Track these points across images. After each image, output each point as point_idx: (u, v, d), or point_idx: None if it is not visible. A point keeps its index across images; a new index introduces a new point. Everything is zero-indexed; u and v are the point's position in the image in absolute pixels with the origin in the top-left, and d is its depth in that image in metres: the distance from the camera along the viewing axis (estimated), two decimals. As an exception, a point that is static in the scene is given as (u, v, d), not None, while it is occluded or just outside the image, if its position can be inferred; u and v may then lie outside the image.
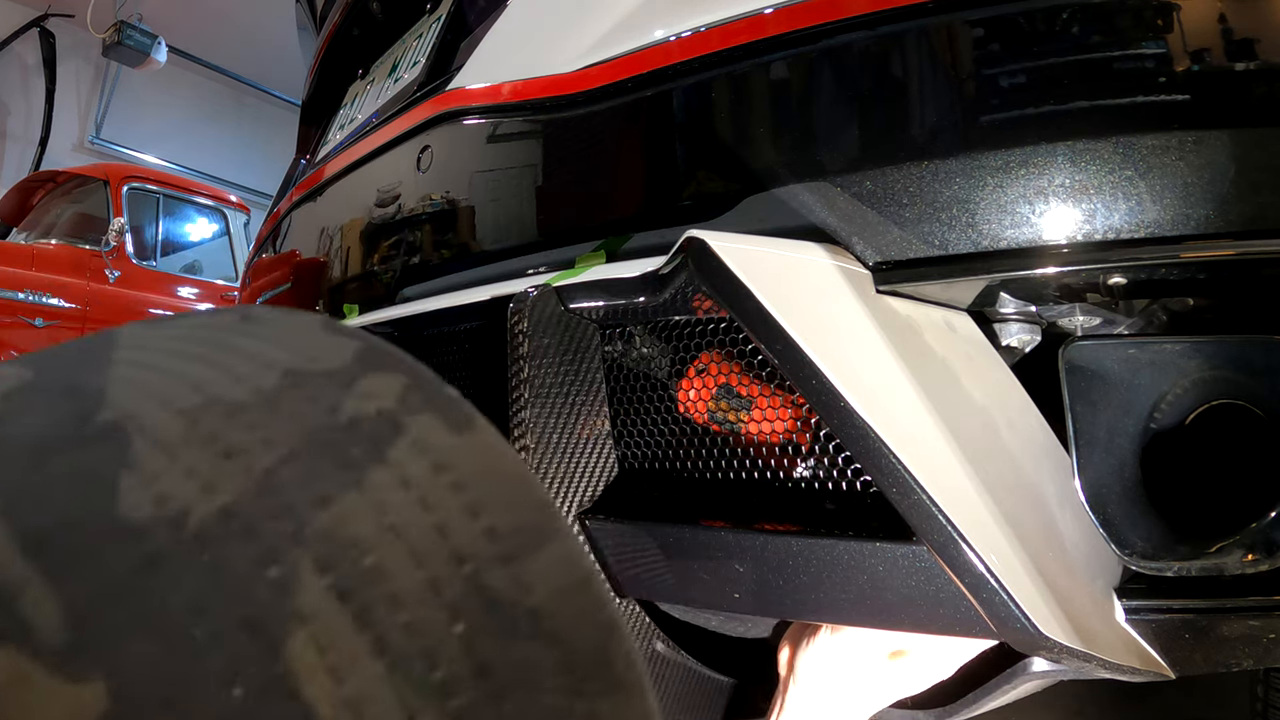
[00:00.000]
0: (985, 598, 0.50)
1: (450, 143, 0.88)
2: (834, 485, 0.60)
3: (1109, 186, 0.51)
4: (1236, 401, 0.54)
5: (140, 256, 4.87)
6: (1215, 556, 0.51)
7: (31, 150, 6.89)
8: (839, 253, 0.56)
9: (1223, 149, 0.49)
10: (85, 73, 7.28)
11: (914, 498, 0.50)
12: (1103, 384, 0.55)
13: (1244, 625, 0.54)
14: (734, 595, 0.61)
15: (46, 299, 4.36)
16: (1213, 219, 0.50)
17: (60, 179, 5.19)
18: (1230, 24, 0.51)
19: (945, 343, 0.57)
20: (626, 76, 0.68)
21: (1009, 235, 0.52)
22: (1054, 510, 0.55)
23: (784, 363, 0.53)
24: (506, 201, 0.79)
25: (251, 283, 1.52)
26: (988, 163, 0.52)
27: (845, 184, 0.56)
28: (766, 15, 0.61)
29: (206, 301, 5.17)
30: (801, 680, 0.63)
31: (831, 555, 0.56)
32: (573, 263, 0.70)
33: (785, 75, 0.60)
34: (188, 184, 5.56)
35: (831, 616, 0.58)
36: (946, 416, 0.53)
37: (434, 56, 1.01)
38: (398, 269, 0.94)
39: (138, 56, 6.19)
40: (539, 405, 0.66)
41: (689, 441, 0.68)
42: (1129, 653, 0.54)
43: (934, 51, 0.55)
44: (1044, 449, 0.58)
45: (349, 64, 1.38)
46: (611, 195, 0.70)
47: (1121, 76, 0.51)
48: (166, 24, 6.42)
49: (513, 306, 0.67)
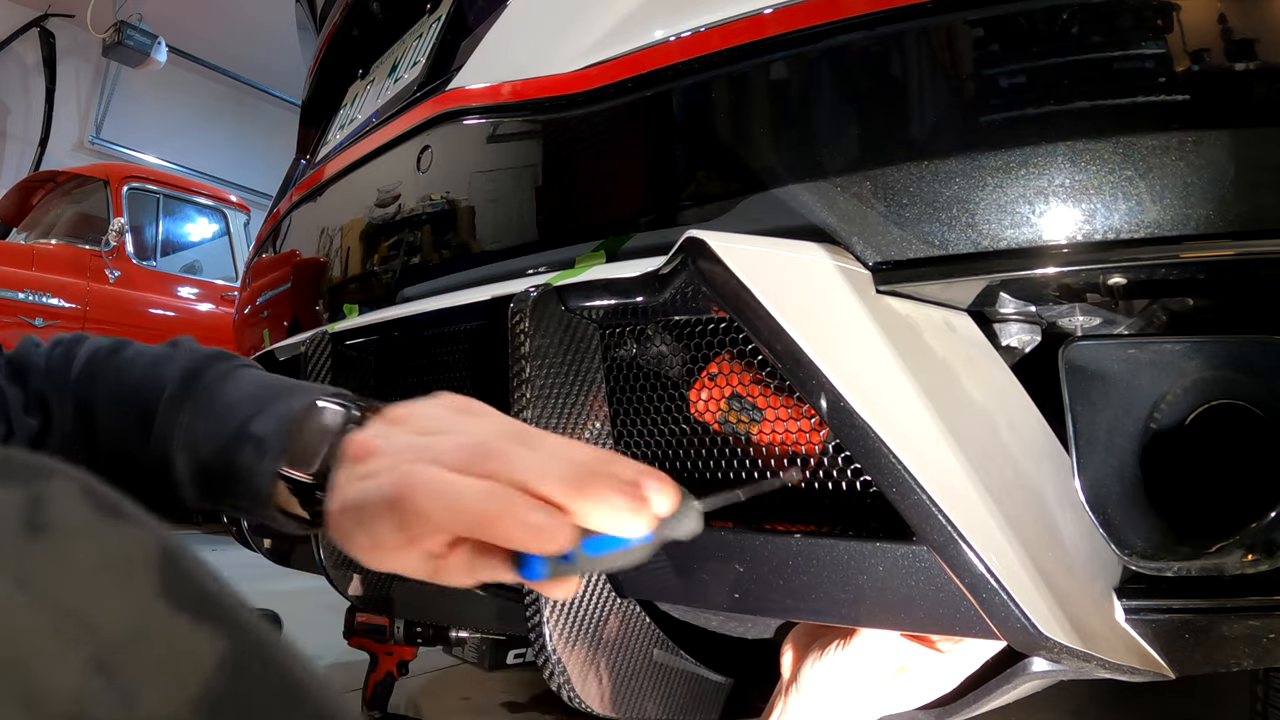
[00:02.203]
0: (985, 598, 0.50)
1: (450, 143, 0.88)
2: (834, 485, 0.60)
3: (1109, 186, 0.51)
4: (1236, 401, 0.54)
5: (140, 256, 4.87)
6: (1215, 556, 0.51)
7: (31, 150, 6.89)
8: (839, 253, 0.56)
9: (1223, 149, 0.49)
10: (85, 73, 7.28)
11: (914, 498, 0.50)
12: (1103, 384, 0.55)
13: (1244, 625, 0.54)
14: (734, 595, 0.61)
15: (46, 299, 4.36)
16: (1213, 219, 0.50)
17: (60, 179, 5.19)
18: (1230, 24, 0.51)
19: (945, 343, 0.57)
20: (626, 77, 0.68)
21: (1009, 235, 0.52)
22: (1054, 510, 0.55)
23: (784, 363, 0.53)
24: (506, 201, 0.79)
25: (251, 283, 1.52)
26: (988, 163, 0.52)
27: (845, 184, 0.56)
28: (766, 15, 0.61)
29: (207, 301, 5.17)
30: (805, 691, 0.63)
31: (831, 555, 0.56)
32: (573, 263, 0.70)
33: (785, 75, 0.60)
34: (188, 184, 5.55)
35: (831, 616, 0.58)
36: (946, 416, 0.53)
37: (434, 56, 1.01)
38: (398, 269, 0.94)
39: (138, 56, 6.19)
40: (540, 405, 0.66)
41: (689, 441, 0.68)
42: (1129, 653, 0.54)
43: (934, 52, 0.55)
44: (1044, 449, 0.58)
45: (349, 64, 1.38)
46: (611, 195, 0.70)
47: (1121, 77, 0.51)
48: (166, 24, 6.42)
49: (513, 306, 0.67)
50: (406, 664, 1.40)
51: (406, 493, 0.41)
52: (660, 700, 0.78)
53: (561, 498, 0.40)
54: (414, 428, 0.47)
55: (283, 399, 0.56)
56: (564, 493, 0.39)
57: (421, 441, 0.44)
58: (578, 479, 0.40)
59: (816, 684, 0.63)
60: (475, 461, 0.41)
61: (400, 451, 0.44)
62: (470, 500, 0.39)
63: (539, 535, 0.39)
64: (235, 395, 0.58)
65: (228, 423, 0.56)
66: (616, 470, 0.41)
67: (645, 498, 0.40)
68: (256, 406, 0.56)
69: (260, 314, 1.43)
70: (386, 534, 0.42)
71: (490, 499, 0.39)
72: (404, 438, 0.46)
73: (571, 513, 0.39)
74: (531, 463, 0.41)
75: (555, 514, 0.39)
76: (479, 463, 0.41)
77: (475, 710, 1.54)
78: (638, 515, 0.40)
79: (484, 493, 0.39)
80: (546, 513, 0.39)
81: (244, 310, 1.56)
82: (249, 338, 1.48)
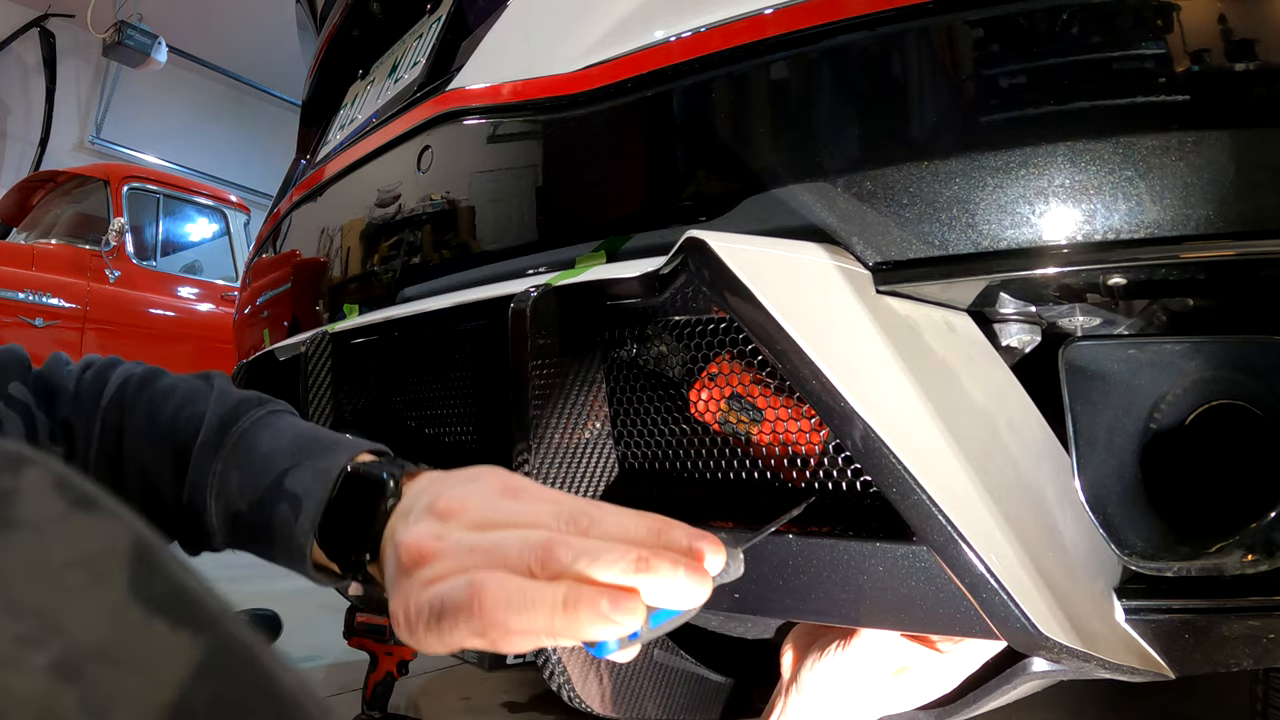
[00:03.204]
0: (985, 598, 0.50)
1: (450, 143, 0.88)
2: (834, 485, 0.60)
3: (1109, 187, 0.51)
4: (1236, 402, 0.54)
5: (140, 256, 4.87)
6: (1215, 557, 0.51)
7: (31, 150, 6.89)
8: (839, 253, 0.56)
9: (1223, 149, 0.49)
10: (85, 73, 7.28)
11: (914, 498, 0.50)
12: (1103, 384, 0.55)
13: (1244, 625, 0.54)
14: (734, 595, 0.61)
15: (46, 299, 4.36)
16: (1213, 219, 0.50)
17: (60, 179, 5.18)
18: (1230, 24, 0.51)
19: (945, 343, 0.57)
20: (626, 77, 0.68)
21: (1009, 235, 0.52)
22: (1054, 510, 0.55)
23: (784, 363, 0.53)
24: (507, 201, 0.79)
25: (251, 283, 1.52)
26: (988, 163, 0.52)
27: (845, 184, 0.56)
28: (766, 16, 0.61)
29: (207, 301, 5.17)
30: (806, 691, 0.63)
31: (831, 555, 0.56)
32: (573, 263, 0.70)
33: (785, 76, 0.60)
34: (188, 184, 5.55)
35: (831, 617, 0.58)
36: (946, 417, 0.53)
37: (434, 57, 1.01)
38: (398, 269, 0.94)
39: (138, 56, 6.19)
40: (540, 405, 0.66)
41: (689, 442, 0.68)
42: (1129, 653, 0.54)
43: (934, 52, 0.55)
44: (1044, 449, 0.58)
45: (349, 64, 1.38)
46: (612, 195, 0.70)
47: (1121, 77, 0.51)
48: (166, 24, 6.42)
49: (513, 306, 0.67)
50: (406, 664, 1.40)
51: (480, 603, 0.41)
52: (660, 700, 0.78)
53: (631, 582, 0.41)
54: (469, 521, 0.46)
55: (319, 455, 0.56)
56: (632, 578, 0.40)
57: (484, 543, 0.44)
58: (641, 561, 0.41)
59: (817, 684, 0.63)
60: (543, 562, 0.42)
61: (463, 555, 0.44)
62: (546, 608, 0.40)
63: (615, 629, 0.40)
64: (270, 446, 0.58)
65: (263, 476, 0.56)
66: (673, 539, 0.43)
67: (704, 568, 0.42)
68: (292, 460, 0.56)
69: (260, 314, 1.43)
70: (461, 638, 0.42)
71: (565, 604, 0.40)
72: (463, 536, 0.45)
73: (639, 592, 0.41)
74: (596, 553, 0.41)
75: (625, 602, 0.40)
76: (547, 563, 0.42)
77: (475, 710, 1.54)
78: (700, 585, 0.41)
79: (558, 599, 0.40)
80: (619, 606, 0.40)
81: (244, 310, 1.56)
82: (249, 338, 1.48)
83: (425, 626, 0.43)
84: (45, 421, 0.63)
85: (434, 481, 0.51)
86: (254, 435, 0.59)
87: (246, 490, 0.57)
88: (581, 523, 0.44)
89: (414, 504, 0.50)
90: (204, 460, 0.59)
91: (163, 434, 0.61)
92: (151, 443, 0.61)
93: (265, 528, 0.56)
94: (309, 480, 0.54)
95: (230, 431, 0.59)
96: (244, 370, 1.42)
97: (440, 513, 0.48)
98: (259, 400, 0.63)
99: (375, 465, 0.54)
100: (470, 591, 0.41)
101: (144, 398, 0.64)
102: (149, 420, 0.62)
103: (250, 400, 0.62)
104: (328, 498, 0.53)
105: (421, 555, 0.45)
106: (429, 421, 1.00)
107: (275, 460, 0.57)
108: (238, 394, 0.63)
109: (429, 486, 0.51)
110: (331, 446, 0.56)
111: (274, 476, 0.56)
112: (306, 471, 0.55)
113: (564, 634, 0.41)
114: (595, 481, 0.71)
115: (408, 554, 0.46)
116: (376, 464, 0.54)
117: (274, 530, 0.55)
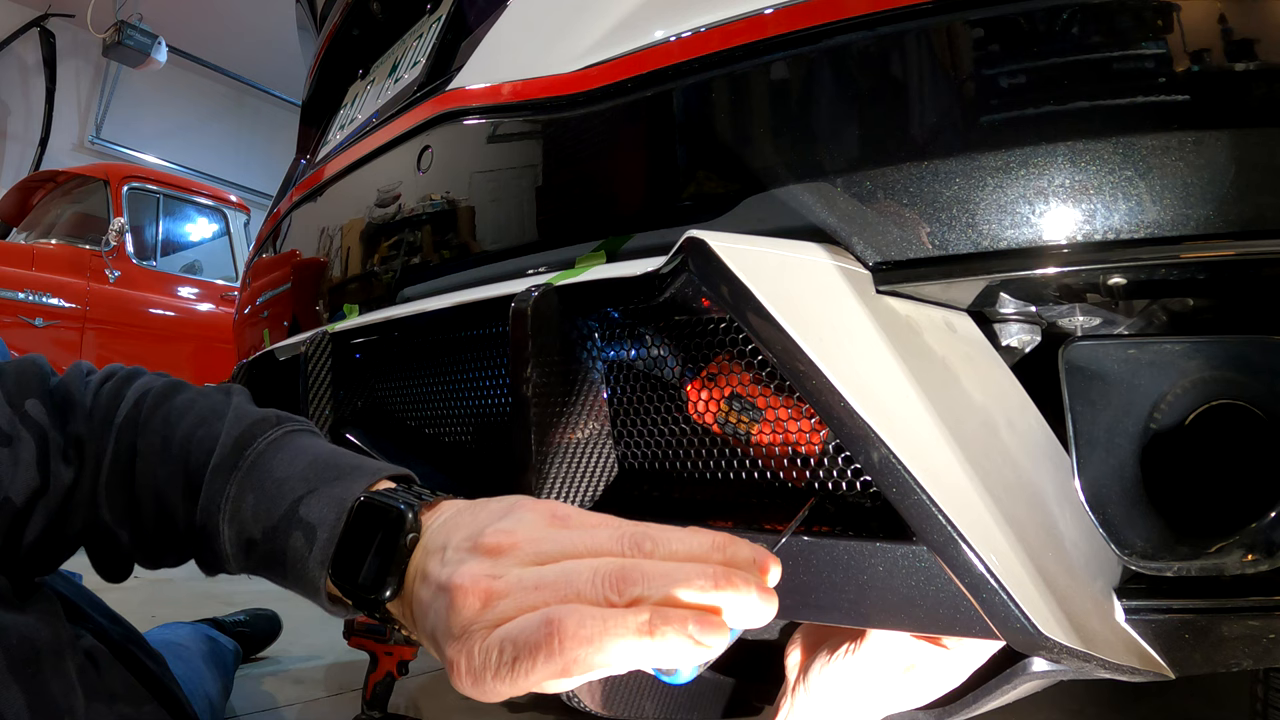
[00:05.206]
0: (985, 598, 0.50)
1: (450, 143, 0.88)
2: (834, 485, 0.60)
3: (1109, 187, 0.51)
4: (1236, 402, 0.54)
5: (140, 256, 4.87)
6: (1215, 556, 0.51)
7: (31, 150, 6.90)
8: (839, 253, 0.56)
9: (1223, 149, 0.49)
10: (85, 73, 7.29)
11: (914, 498, 0.50)
12: (1103, 384, 0.55)
13: (1244, 625, 0.54)
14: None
15: (46, 299, 4.36)
16: (1213, 219, 0.50)
17: (60, 179, 5.19)
18: (1230, 24, 0.51)
19: (945, 343, 0.57)
20: (626, 77, 0.68)
21: (1009, 235, 0.52)
22: (1054, 510, 0.55)
23: (784, 363, 0.53)
24: (507, 201, 0.79)
25: (251, 283, 1.52)
26: (988, 163, 0.52)
27: (845, 184, 0.56)
28: (766, 16, 0.61)
29: (206, 301, 5.17)
30: (815, 691, 0.63)
31: (831, 555, 0.56)
32: (573, 263, 0.70)
33: (785, 76, 0.60)
34: (188, 184, 5.55)
35: (831, 616, 0.58)
36: (946, 416, 0.53)
37: (434, 56, 1.01)
38: (398, 269, 0.94)
39: (138, 56, 6.19)
40: (540, 405, 0.66)
41: (689, 442, 0.68)
42: (1129, 653, 0.54)
43: (934, 52, 0.55)
44: (1044, 449, 0.58)
45: (349, 64, 1.38)
46: (611, 195, 0.70)
47: (1121, 77, 0.51)
48: (166, 24, 6.42)
49: (514, 306, 0.67)
50: (406, 664, 1.40)
51: (561, 640, 0.38)
52: (659, 700, 0.78)
53: (711, 600, 0.39)
54: (525, 556, 0.43)
55: (335, 481, 0.53)
56: (712, 595, 0.39)
57: (549, 577, 0.42)
58: (720, 578, 0.39)
59: (828, 685, 0.63)
60: (619, 590, 0.40)
61: (528, 593, 0.41)
62: (631, 638, 0.38)
63: (703, 653, 0.38)
64: (285, 471, 0.56)
65: (277, 503, 0.54)
66: (739, 555, 0.42)
67: (769, 586, 0.41)
68: (307, 486, 0.54)
69: (260, 314, 1.43)
70: (539, 679, 0.39)
71: (652, 629, 0.38)
72: (524, 574, 0.42)
73: (721, 611, 0.39)
74: (672, 574, 0.40)
75: (712, 622, 0.38)
76: (624, 590, 0.40)
77: (475, 710, 1.54)
78: (771, 601, 0.40)
79: (644, 625, 0.38)
80: (707, 627, 0.38)
81: (244, 310, 1.56)
82: (249, 338, 1.48)
83: (496, 673, 0.40)
84: (59, 440, 0.61)
85: (461, 513, 0.49)
86: (269, 458, 0.57)
87: (260, 517, 0.55)
88: (645, 545, 0.42)
89: (447, 540, 0.47)
90: (217, 484, 0.57)
91: (176, 455, 0.59)
92: (165, 464, 0.59)
93: (279, 557, 0.53)
94: (323, 509, 0.52)
95: (245, 454, 0.57)
96: (244, 370, 1.42)
97: (489, 550, 0.44)
98: (276, 420, 0.60)
99: (392, 494, 0.52)
100: (547, 629, 0.38)
101: (159, 416, 0.61)
102: (163, 440, 0.60)
103: (268, 420, 0.60)
104: (341, 528, 0.51)
105: (481, 598, 0.42)
106: (429, 422, 1.00)
107: (290, 486, 0.54)
108: (255, 413, 0.61)
109: (455, 518, 0.48)
110: (349, 472, 0.54)
111: (288, 504, 0.54)
112: (321, 499, 0.53)
113: (650, 661, 0.39)
114: (595, 481, 0.71)
115: (464, 598, 0.42)
116: (394, 492, 0.52)
117: (287, 560, 0.53)
